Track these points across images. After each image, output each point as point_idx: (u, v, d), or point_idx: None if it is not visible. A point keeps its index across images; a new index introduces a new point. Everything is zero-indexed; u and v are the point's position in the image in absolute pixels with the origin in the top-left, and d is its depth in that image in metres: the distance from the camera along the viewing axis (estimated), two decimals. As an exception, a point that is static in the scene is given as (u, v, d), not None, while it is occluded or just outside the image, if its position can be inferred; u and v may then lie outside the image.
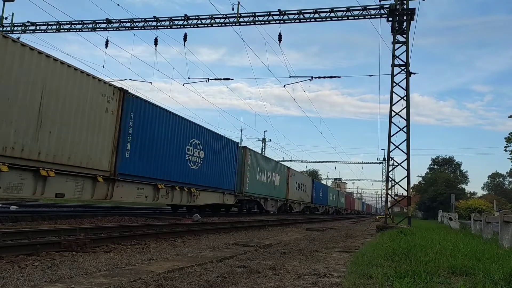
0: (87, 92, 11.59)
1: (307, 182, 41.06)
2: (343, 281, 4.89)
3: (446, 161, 76.90)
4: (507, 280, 4.58)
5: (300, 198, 36.89)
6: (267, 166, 27.71)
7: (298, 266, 6.50)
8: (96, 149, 11.86)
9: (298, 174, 37.86)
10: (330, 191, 54.49)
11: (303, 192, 38.51)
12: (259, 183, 25.97)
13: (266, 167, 27.50)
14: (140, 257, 6.30)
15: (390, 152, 18.51)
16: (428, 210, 58.25)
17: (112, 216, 14.09)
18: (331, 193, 55.42)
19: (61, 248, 6.54)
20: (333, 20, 20.15)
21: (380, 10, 19.08)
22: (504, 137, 38.69)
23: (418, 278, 4.69)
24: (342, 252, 8.75)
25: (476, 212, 19.97)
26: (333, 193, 57.28)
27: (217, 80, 24.64)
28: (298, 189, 36.08)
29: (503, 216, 9.30)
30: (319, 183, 50.30)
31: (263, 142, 64.37)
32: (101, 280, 4.50)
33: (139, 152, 13.85)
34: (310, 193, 41.32)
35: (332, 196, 54.98)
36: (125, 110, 13.08)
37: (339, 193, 64.03)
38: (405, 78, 18.29)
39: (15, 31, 24.80)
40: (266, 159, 29.45)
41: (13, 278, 4.35)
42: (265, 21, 20.80)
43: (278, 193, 30.32)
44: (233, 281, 4.90)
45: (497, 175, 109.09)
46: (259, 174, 25.95)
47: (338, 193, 63.26)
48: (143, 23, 22.40)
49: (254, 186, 24.78)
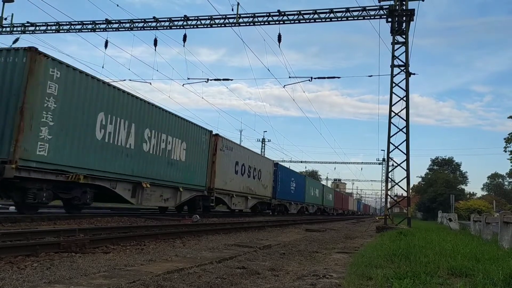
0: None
1: (264, 166, 28.64)
2: (343, 282, 4.88)
3: (445, 162, 76.98)
4: (507, 281, 4.58)
5: (246, 190, 24.89)
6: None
7: (297, 267, 6.49)
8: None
9: (242, 150, 24.79)
10: (309, 184, 43.17)
11: (254, 180, 26.59)
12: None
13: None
14: (139, 258, 6.29)
15: (389, 152, 18.52)
16: (427, 210, 58.26)
17: (111, 217, 14.08)
18: (312, 187, 44.41)
19: (60, 249, 6.52)
20: (333, 21, 20.16)
21: (379, 11, 19.09)
22: (504, 138, 38.75)
23: (417, 279, 4.69)
24: (341, 253, 8.74)
25: (475, 213, 19.97)
26: (315, 187, 46.44)
27: (217, 80, 24.65)
28: (239, 173, 23.89)
29: (503, 217, 9.30)
30: (289, 171, 37.23)
31: (262, 143, 64.34)
32: (100, 281, 4.49)
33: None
34: (268, 183, 29.58)
35: (313, 191, 44.56)
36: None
37: (324, 188, 52.96)
38: (404, 79, 18.30)
39: (15, 32, 24.79)
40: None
41: (12, 279, 4.34)
42: (264, 22, 20.80)
43: (184, 176, 17.89)
44: (233, 282, 4.90)
45: (496, 175, 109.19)
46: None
47: (324, 188, 52.21)
48: (143, 23, 22.38)
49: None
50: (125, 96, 14.28)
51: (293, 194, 36.10)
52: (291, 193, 35.62)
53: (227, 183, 22.22)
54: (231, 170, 22.94)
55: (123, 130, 14.14)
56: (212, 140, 20.81)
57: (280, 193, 31.94)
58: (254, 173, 25.22)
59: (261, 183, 26.48)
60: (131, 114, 14.51)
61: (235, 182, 23.29)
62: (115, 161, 13.78)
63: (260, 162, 26.41)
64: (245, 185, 24.81)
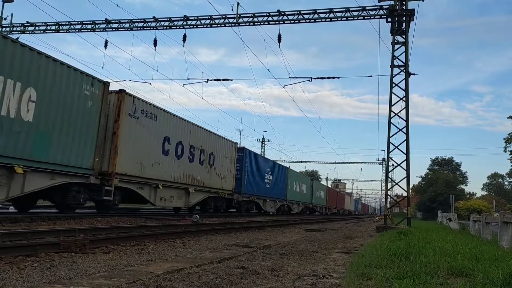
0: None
1: (220, 150, 21.84)
2: (343, 282, 4.88)
3: (445, 162, 77.00)
4: (507, 281, 4.58)
5: (187, 179, 18.55)
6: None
7: (297, 267, 6.49)
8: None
9: (177, 122, 17.87)
10: (293, 177, 36.48)
11: (203, 166, 19.89)
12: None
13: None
14: (139, 258, 6.29)
15: (389, 152, 18.52)
16: (427, 210, 58.27)
17: (111, 217, 14.07)
18: (297, 181, 38.01)
19: (60, 249, 6.52)
20: (333, 21, 20.17)
21: (379, 11, 19.09)
22: (504, 138, 38.73)
23: (417, 279, 4.68)
24: (341, 253, 8.74)
25: (475, 213, 19.97)
26: (301, 181, 39.94)
27: (217, 80, 24.64)
28: (172, 154, 17.40)
29: (503, 217, 9.30)
30: (263, 159, 31.21)
31: (262, 143, 64.28)
32: (100, 281, 4.49)
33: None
34: (228, 172, 22.90)
35: (298, 186, 38.28)
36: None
37: (314, 184, 45.93)
38: (404, 79, 18.31)
39: (14, 32, 24.79)
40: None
41: (12, 279, 4.34)
42: (264, 22, 20.80)
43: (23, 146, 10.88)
44: (233, 282, 4.90)
45: (496, 175, 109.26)
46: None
47: (313, 184, 45.61)
48: (143, 23, 22.38)
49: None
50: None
51: (268, 189, 29.57)
52: (266, 187, 29.05)
53: (147, 167, 15.60)
54: (156, 149, 16.23)
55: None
56: (112, 98, 14.01)
57: (248, 187, 25.34)
58: (202, 157, 18.99)
59: (215, 171, 20.34)
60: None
61: (163, 167, 16.70)
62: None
63: (214, 143, 20.13)
64: (184, 172, 18.30)
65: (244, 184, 24.82)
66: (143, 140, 15.48)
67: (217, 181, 21.35)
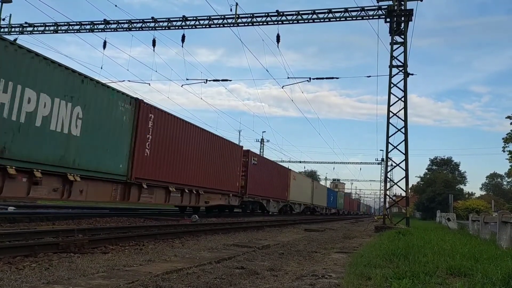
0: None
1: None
2: (342, 282, 4.88)
3: (444, 162, 76.97)
4: (505, 280, 4.58)
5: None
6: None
7: (296, 267, 6.50)
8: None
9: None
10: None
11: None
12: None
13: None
14: (138, 258, 6.28)
15: (388, 152, 18.53)
16: (426, 210, 58.25)
17: (110, 217, 14.06)
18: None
19: (59, 249, 6.52)
20: (331, 21, 20.15)
21: (378, 11, 19.09)
22: (502, 138, 38.68)
23: (416, 279, 4.69)
24: (340, 253, 8.74)
25: (474, 213, 20.01)
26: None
27: (216, 81, 24.63)
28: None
29: (501, 217, 9.30)
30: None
31: (261, 143, 64.31)
32: (99, 281, 4.48)
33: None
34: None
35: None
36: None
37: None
38: (403, 79, 18.32)
39: (13, 32, 24.75)
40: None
41: (11, 279, 4.33)
42: (263, 22, 20.79)
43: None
44: (232, 282, 4.90)
45: (495, 175, 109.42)
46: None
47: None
48: (141, 24, 22.35)
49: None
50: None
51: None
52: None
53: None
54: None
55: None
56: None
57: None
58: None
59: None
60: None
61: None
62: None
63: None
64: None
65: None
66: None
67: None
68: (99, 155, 12.44)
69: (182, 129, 17.33)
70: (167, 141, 16.08)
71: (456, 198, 48.05)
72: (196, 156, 18.43)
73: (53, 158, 10.77)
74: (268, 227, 16.19)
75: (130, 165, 13.77)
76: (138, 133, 14.17)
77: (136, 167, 13.97)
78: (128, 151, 13.79)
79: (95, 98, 12.33)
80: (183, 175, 17.28)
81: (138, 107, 14.25)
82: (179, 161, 16.96)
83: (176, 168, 16.69)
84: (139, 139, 14.22)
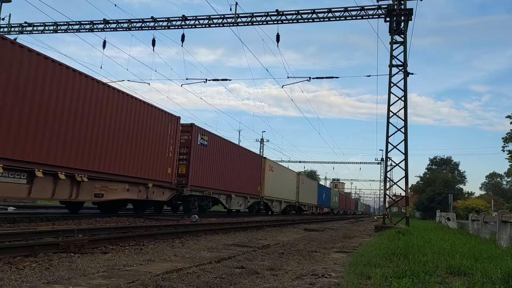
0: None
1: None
2: (342, 281, 4.89)
3: (444, 161, 76.97)
4: (505, 280, 4.59)
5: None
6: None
7: (296, 266, 6.50)
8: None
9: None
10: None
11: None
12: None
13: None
14: (138, 258, 6.28)
15: (388, 152, 18.53)
16: (426, 210, 58.26)
17: (110, 217, 14.06)
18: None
19: (59, 249, 6.52)
20: (331, 21, 20.16)
21: (377, 11, 19.10)
22: (502, 137, 38.65)
23: (416, 278, 4.69)
24: (340, 253, 8.75)
25: (474, 212, 20.01)
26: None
27: (215, 80, 24.62)
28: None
29: (501, 216, 9.31)
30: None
31: (261, 143, 64.31)
32: (99, 281, 4.49)
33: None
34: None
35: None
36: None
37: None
38: (403, 79, 18.33)
39: (12, 32, 24.74)
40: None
41: (11, 279, 4.33)
42: (263, 22, 20.78)
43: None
44: (232, 281, 4.90)
45: (494, 175, 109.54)
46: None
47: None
48: (141, 23, 22.34)
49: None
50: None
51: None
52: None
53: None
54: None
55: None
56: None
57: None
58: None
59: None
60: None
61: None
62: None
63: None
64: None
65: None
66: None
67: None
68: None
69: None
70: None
71: (456, 197, 48.07)
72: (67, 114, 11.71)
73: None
74: (268, 226, 16.20)
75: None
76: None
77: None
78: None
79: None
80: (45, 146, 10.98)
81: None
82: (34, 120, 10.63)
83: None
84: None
